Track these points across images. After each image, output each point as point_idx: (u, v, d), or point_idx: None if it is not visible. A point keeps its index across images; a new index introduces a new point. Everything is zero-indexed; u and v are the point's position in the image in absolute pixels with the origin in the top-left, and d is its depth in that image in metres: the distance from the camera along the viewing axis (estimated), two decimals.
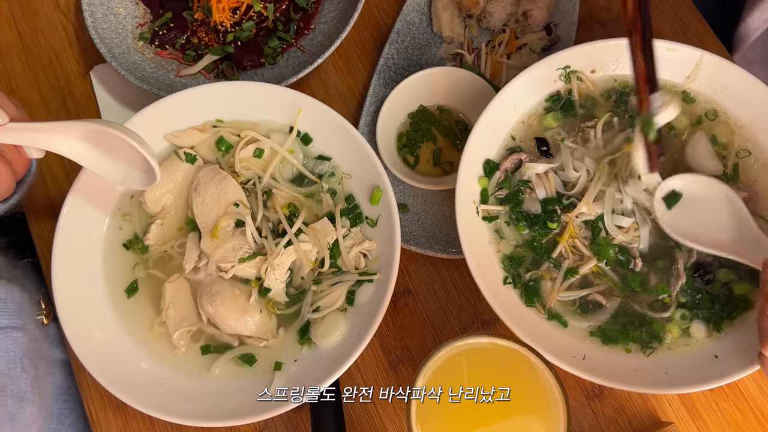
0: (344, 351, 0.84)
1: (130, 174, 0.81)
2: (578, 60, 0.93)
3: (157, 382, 0.86)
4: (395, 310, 0.98)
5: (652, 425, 0.91)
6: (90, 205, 0.91)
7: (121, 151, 0.79)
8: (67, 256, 0.88)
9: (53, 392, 0.99)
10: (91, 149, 0.79)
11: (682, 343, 0.85)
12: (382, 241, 0.89)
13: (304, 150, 0.95)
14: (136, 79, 1.03)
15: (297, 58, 1.09)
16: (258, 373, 0.87)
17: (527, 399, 0.76)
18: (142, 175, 0.81)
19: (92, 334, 0.87)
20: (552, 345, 0.81)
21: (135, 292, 0.91)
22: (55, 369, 0.99)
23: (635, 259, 0.87)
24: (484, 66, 1.06)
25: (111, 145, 0.79)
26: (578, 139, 0.92)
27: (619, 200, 0.88)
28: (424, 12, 1.10)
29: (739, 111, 0.91)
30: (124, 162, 0.80)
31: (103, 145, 0.79)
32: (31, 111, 1.12)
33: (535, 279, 0.88)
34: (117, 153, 0.79)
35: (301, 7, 1.12)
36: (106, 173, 0.80)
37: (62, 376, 1.01)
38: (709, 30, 1.07)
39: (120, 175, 0.81)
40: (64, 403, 1.00)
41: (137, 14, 1.14)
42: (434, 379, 0.76)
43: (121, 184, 0.82)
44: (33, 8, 1.18)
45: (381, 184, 0.89)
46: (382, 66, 1.07)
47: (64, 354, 1.00)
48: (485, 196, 0.91)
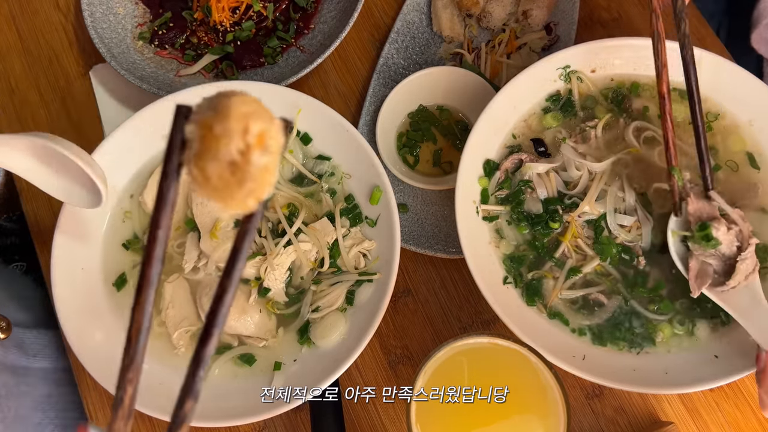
0: (344, 351, 0.84)
1: (78, 193, 0.78)
2: (578, 60, 0.93)
3: (157, 382, 0.86)
4: (395, 310, 0.98)
5: (652, 425, 0.91)
6: None
7: (68, 169, 0.75)
8: (67, 256, 0.88)
9: (31, 403, 0.96)
10: (37, 165, 0.75)
11: (682, 343, 0.85)
12: (382, 241, 0.89)
13: (303, 150, 0.95)
14: (136, 78, 1.02)
15: (296, 57, 1.09)
16: (257, 373, 0.87)
17: (527, 399, 0.76)
18: (90, 195, 0.78)
19: (92, 334, 0.87)
20: (552, 345, 0.81)
21: (124, 284, 0.91)
22: (32, 379, 0.97)
23: (639, 257, 0.87)
24: (484, 65, 1.06)
25: (59, 162, 0.75)
26: (579, 139, 0.92)
27: (621, 199, 0.88)
28: (423, 11, 1.10)
29: (738, 110, 0.91)
30: (72, 180, 0.76)
31: (51, 162, 0.75)
32: (30, 111, 1.12)
33: (537, 278, 0.88)
34: (64, 170, 0.76)
35: (300, 6, 1.12)
36: (52, 190, 0.77)
37: (44, 385, 0.98)
38: (709, 29, 1.07)
39: (67, 194, 0.78)
40: (44, 413, 0.98)
41: (137, 14, 1.13)
42: (434, 379, 0.76)
43: (67, 202, 0.79)
44: (33, 8, 1.18)
45: (381, 183, 0.89)
46: (381, 66, 1.07)
47: (45, 362, 0.99)
48: (485, 196, 0.91)
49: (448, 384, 0.76)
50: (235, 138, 0.40)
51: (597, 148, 0.91)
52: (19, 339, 0.95)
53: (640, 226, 0.87)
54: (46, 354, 0.99)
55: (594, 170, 0.90)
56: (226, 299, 0.44)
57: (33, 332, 0.99)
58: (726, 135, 0.91)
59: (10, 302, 1.02)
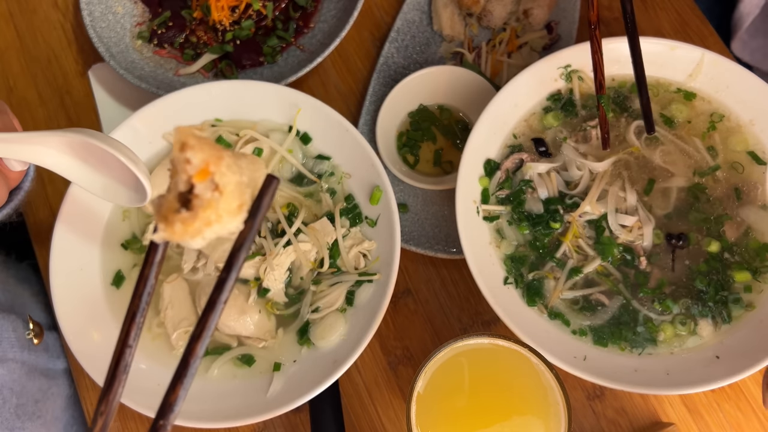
0: (344, 351, 0.83)
1: (120, 191, 0.74)
2: (579, 59, 0.92)
3: (156, 382, 0.86)
4: (395, 311, 0.97)
5: (653, 426, 0.91)
6: (88, 205, 0.91)
7: (110, 166, 0.72)
8: (66, 256, 0.88)
9: (62, 404, 0.97)
10: (77, 162, 0.72)
11: (684, 343, 0.85)
12: (382, 241, 0.89)
13: (303, 149, 0.95)
14: (135, 78, 1.02)
15: (296, 56, 1.09)
16: (257, 374, 0.87)
17: (528, 400, 0.76)
18: (132, 192, 0.74)
19: (91, 334, 0.87)
20: (553, 346, 0.81)
21: (122, 281, 0.91)
22: (60, 380, 0.98)
23: (640, 257, 0.87)
24: (485, 65, 1.05)
25: (100, 159, 0.72)
26: (580, 139, 0.92)
27: (623, 199, 0.87)
28: (424, 10, 1.10)
29: (740, 109, 0.91)
30: (114, 177, 0.73)
31: (91, 159, 0.72)
32: (29, 110, 1.11)
33: (537, 279, 0.88)
34: (106, 167, 0.72)
35: (300, 5, 1.11)
36: (94, 189, 0.74)
37: (68, 386, 1.00)
38: (710, 28, 1.06)
39: (109, 192, 0.74)
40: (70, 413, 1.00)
41: (135, 13, 1.13)
42: (434, 380, 0.76)
43: (109, 200, 0.76)
44: (31, 7, 1.17)
45: (381, 183, 0.89)
46: (381, 65, 1.07)
47: (66, 363, 1.00)
48: (486, 195, 0.91)
49: (449, 385, 0.76)
50: (180, 169, 0.41)
51: (598, 147, 0.91)
52: (45, 342, 0.96)
53: (641, 226, 0.87)
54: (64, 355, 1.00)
55: (595, 170, 0.89)
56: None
57: (54, 333, 0.99)
58: (727, 135, 0.91)
59: (35, 303, 1.02)
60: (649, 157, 0.91)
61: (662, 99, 0.93)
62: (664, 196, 0.89)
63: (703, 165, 0.90)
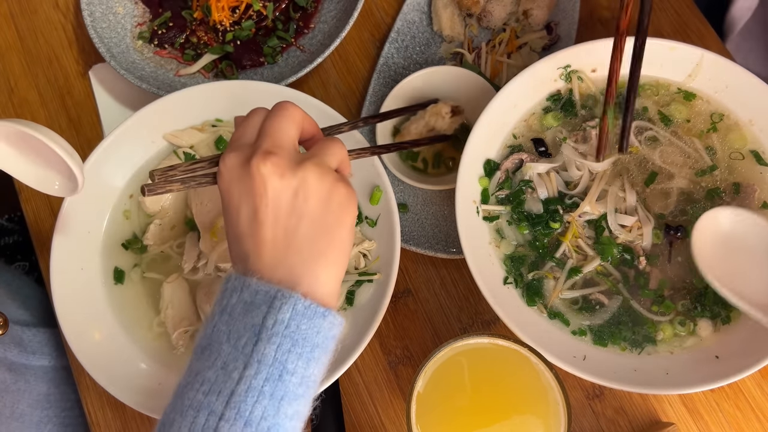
0: (344, 351, 0.83)
1: (54, 181, 0.75)
2: (579, 59, 0.92)
3: (157, 382, 0.86)
4: (395, 310, 0.98)
5: (653, 425, 0.91)
6: (88, 205, 0.91)
7: (44, 156, 0.72)
8: (66, 256, 0.88)
9: (30, 401, 0.96)
10: (12, 152, 0.72)
11: (684, 343, 0.85)
12: (382, 241, 0.89)
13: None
14: (135, 78, 1.02)
15: (296, 57, 1.09)
16: None
17: (527, 399, 0.76)
18: (67, 181, 0.74)
19: (91, 334, 0.87)
20: (552, 345, 0.81)
21: (123, 281, 0.91)
22: (31, 377, 0.97)
23: (640, 257, 0.87)
24: (485, 65, 1.06)
25: (33, 149, 0.72)
26: (579, 139, 0.92)
27: (622, 199, 0.88)
28: (424, 11, 1.10)
29: (739, 110, 0.91)
30: (48, 167, 0.74)
31: (24, 148, 0.72)
32: (30, 110, 1.12)
33: (537, 278, 0.88)
34: (39, 157, 0.73)
35: (300, 6, 1.11)
36: (28, 179, 0.74)
37: (43, 383, 0.99)
38: (710, 29, 1.06)
39: (43, 181, 0.75)
40: (43, 411, 0.99)
41: (136, 13, 1.13)
42: (434, 380, 0.76)
43: (43, 190, 0.76)
44: (32, 7, 1.18)
45: (381, 183, 0.89)
46: (382, 65, 1.07)
47: (44, 360, 0.99)
48: (486, 196, 0.91)
49: (449, 384, 0.76)
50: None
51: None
52: (18, 336, 0.95)
53: (641, 226, 0.87)
54: (45, 352, 0.99)
55: (595, 170, 0.90)
56: None
57: (32, 330, 0.99)
58: (725, 133, 0.91)
59: (10, 301, 1.02)
60: (650, 157, 0.91)
61: (662, 99, 0.93)
62: (663, 196, 0.89)
63: (702, 165, 0.90)
